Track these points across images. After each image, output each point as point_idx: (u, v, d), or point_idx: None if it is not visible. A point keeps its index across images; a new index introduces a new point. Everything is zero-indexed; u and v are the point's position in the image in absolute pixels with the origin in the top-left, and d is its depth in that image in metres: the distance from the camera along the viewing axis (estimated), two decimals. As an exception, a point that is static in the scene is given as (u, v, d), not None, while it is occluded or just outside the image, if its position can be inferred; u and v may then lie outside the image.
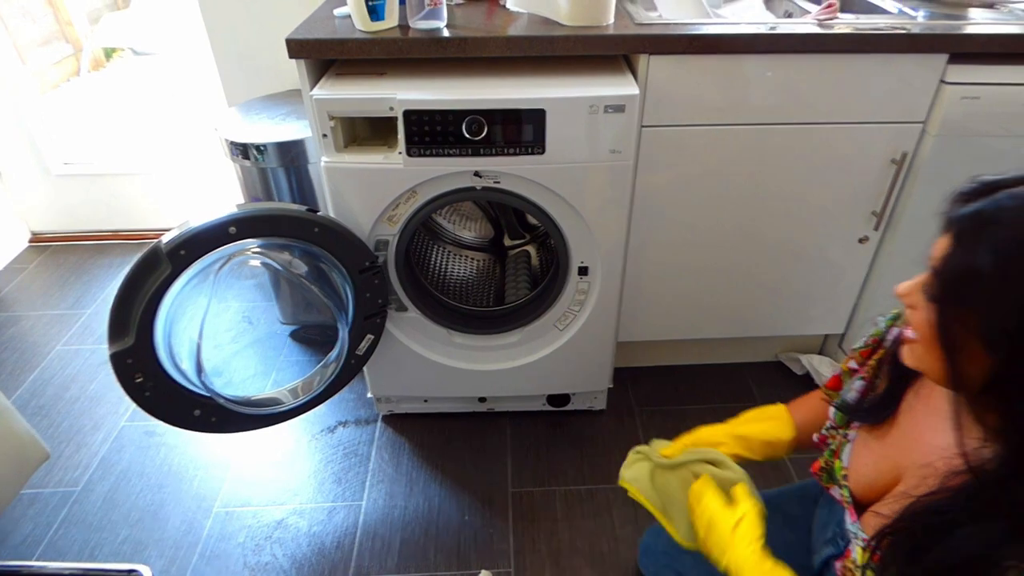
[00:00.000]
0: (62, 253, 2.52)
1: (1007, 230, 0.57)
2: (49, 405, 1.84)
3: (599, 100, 1.20)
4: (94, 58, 4.17)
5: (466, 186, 1.30)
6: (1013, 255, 0.56)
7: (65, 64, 3.98)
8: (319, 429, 1.76)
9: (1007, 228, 0.57)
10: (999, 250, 0.56)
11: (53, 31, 3.89)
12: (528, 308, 1.55)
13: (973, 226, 0.59)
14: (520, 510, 1.54)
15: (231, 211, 1.20)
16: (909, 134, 1.38)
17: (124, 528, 1.51)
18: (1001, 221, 0.57)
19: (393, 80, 1.28)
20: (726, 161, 1.41)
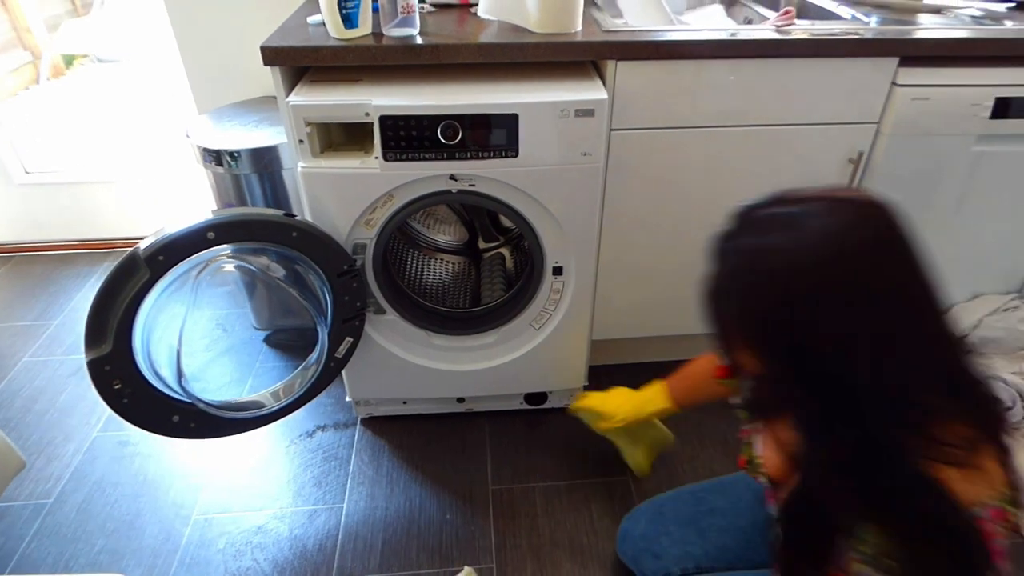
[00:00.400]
0: (26, 264, 2.47)
1: (736, 257, 0.73)
2: (17, 418, 1.81)
3: (569, 105, 1.24)
4: (54, 65, 4.08)
5: (442, 189, 1.33)
6: (743, 273, 0.72)
7: (23, 72, 3.89)
8: (297, 434, 1.77)
9: (736, 255, 0.73)
10: (732, 270, 0.73)
11: (10, 38, 3.80)
12: (504, 308, 1.58)
13: (719, 254, 0.76)
14: (500, 507, 1.56)
15: (209, 216, 1.21)
16: (864, 134, 1.45)
17: (100, 538, 1.50)
18: (734, 250, 0.74)
19: (368, 86, 1.31)
20: (691, 162, 1.46)
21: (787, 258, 0.68)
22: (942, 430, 0.68)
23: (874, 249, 0.68)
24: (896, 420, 0.69)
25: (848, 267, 0.67)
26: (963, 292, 1.76)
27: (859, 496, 0.71)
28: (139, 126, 3.44)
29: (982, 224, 1.60)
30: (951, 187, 1.53)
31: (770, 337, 0.71)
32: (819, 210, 0.69)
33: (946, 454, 0.67)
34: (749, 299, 0.71)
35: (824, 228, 0.68)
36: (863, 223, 0.69)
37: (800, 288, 0.67)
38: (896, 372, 0.68)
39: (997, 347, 1.71)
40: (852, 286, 0.67)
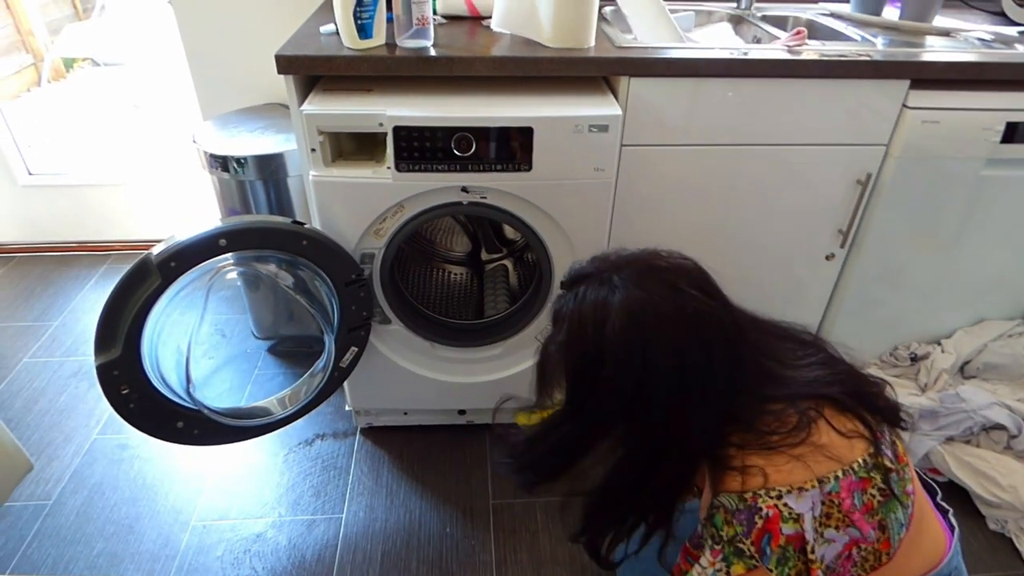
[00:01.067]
0: (27, 264, 2.47)
1: (563, 323, 0.85)
2: (18, 418, 1.79)
3: (584, 120, 1.25)
4: (54, 68, 4.09)
5: (453, 201, 1.33)
6: (571, 332, 0.84)
7: (25, 74, 3.90)
8: (296, 442, 1.76)
9: (565, 321, 0.85)
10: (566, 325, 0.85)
11: (13, 41, 3.81)
12: (511, 321, 1.57)
13: (555, 316, 0.88)
14: (501, 521, 1.55)
15: (219, 223, 1.21)
16: (873, 156, 1.45)
17: (99, 542, 1.48)
18: (562, 315, 0.86)
19: (380, 96, 1.31)
20: (699, 179, 1.46)
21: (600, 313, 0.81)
22: (761, 422, 0.80)
23: (665, 320, 0.79)
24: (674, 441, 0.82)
25: (640, 332, 0.79)
26: (967, 317, 1.76)
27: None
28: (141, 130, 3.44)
29: (988, 249, 1.61)
30: (958, 211, 1.53)
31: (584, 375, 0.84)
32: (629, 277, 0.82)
33: (766, 442, 0.79)
34: (570, 345, 0.84)
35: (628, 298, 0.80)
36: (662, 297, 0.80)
37: (609, 342, 0.80)
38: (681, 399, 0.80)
39: (1001, 373, 1.71)
40: (645, 342, 0.78)
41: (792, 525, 0.75)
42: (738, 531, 0.77)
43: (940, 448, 1.60)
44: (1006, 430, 1.59)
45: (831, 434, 0.80)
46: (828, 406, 0.82)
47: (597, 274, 0.84)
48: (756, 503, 0.76)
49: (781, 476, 0.77)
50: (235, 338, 2.07)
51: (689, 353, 0.78)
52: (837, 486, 0.77)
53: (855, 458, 0.79)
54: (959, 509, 0.95)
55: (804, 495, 0.76)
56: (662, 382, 0.78)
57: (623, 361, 0.78)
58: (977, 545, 1.51)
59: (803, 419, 0.80)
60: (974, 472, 1.56)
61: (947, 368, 1.70)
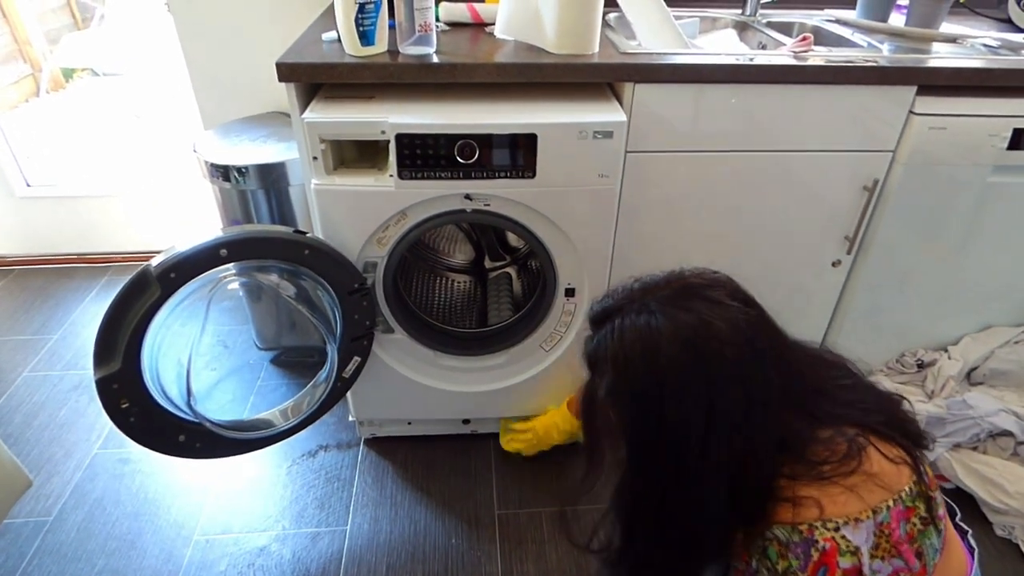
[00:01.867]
0: (26, 277, 2.45)
1: (606, 364, 0.79)
2: (18, 433, 1.77)
3: (589, 126, 1.24)
4: (53, 78, 4.08)
5: (456, 208, 1.32)
6: (617, 372, 0.78)
7: (23, 84, 3.89)
8: (300, 454, 1.74)
9: (608, 362, 0.79)
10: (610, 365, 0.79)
11: (11, 51, 3.81)
12: (515, 329, 1.56)
13: (591, 360, 0.83)
14: (507, 532, 1.53)
15: (220, 234, 1.19)
16: (880, 162, 1.44)
17: (100, 558, 1.46)
18: (601, 356, 0.80)
19: (382, 104, 1.30)
20: (705, 186, 1.45)
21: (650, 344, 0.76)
22: (811, 452, 0.77)
23: (718, 343, 0.74)
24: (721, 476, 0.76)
25: (689, 357, 0.74)
26: (974, 323, 1.75)
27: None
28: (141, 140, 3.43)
29: (995, 255, 1.60)
30: (965, 217, 1.52)
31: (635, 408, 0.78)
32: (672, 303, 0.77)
33: (819, 472, 0.75)
34: (619, 376, 0.78)
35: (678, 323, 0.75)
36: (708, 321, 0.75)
37: (658, 369, 0.75)
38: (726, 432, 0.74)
39: (1008, 380, 1.70)
40: (694, 372, 0.74)
41: (849, 559, 0.73)
42: (793, 564, 0.73)
43: (947, 455, 1.59)
44: (1013, 436, 1.57)
45: (881, 462, 0.77)
46: (872, 432, 0.79)
47: (629, 304, 0.78)
48: (812, 535, 0.73)
49: (837, 507, 0.73)
50: (237, 349, 2.05)
51: (750, 370, 0.73)
52: (888, 516, 0.74)
53: (903, 486, 0.76)
54: (966, 515, 0.94)
55: (860, 526, 0.73)
56: (731, 407, 0.73)
57: (686, 394, 0.73)
58: (984, 552, 1.49)
59: (852, 446, 0.76)
60: (981, 479, 1.55)
61: (954, 375, 1.68)
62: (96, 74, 4.26)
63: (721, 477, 0.76)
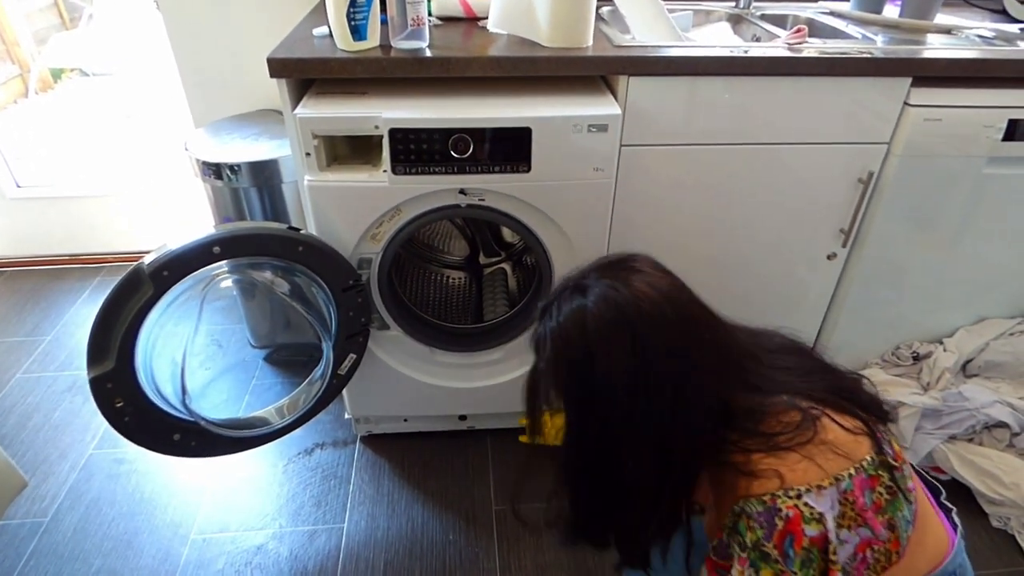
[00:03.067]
0: (17, 279, 2.43)
1: (547, 341, 0.83)
2: (12, 435, 1.76)
3: (583, 120, 1.23)
4: (41, 79, 4.04)
5: (451, 203, 1.31)
6: (554, 346, 0.82)
7: (11, 85, 3.85)
8: (296, 452, 1.73)
9: (547, 339, 0.83)
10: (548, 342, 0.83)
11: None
12: (510, 324, 1.56)
13: (535, 346, 0.86)
14: (504, 528, 1.53)
15: (212, 231, 1.18)
16: (875, 154, 1.44)
17: (97, 558, 1.45)
18: (540, 337, 0.85)
19: (375, 99, 1.29)
20: (700, 179, 1.45)
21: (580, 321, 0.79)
22: (765, 425, 0.79)
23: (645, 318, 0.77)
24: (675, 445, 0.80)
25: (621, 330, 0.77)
26: (969, 315, 1.75)
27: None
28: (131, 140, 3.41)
29: (990, 247, 1.60)
30: (959, 209, 1.52)
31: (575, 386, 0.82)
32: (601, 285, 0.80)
33: (774, 443, 0.77)
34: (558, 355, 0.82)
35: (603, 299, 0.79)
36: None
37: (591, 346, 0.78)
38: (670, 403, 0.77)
39: (1003, 371, 1.70)
40: (630, 344, 0.76)
41: (815, 526, 0.74)
42: (760, 535, 0.75)
43: (943, 447, 1.59)
44: (1008, 428, 1.58)
45: (837, 431, 0.79)
46: (826, 404, 0.81)
47: (563, 289, 0.83)
48: (775, 504, 0.74)
49: (797, 476, 0.75)
50: (231, 348, 2.04)
51: (674, 331, 0.77)
52: (851, 484, 0.76)
53: (863, 455, 0.78)
54: (962, 507, 0.94)
55: (823, 493, 0.74)
56: (658, 368, 0.76)
57: (614, 352, 0.77)
58: (980, 543, 1.50)
59: (806, 417, 0.78)
60: (977, 470, 1.55)
61: (949, 367, 1.69)
62: (85, 74, 4.22)
63: (649, 438, 0.79)
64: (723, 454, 0.79)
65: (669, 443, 0.79)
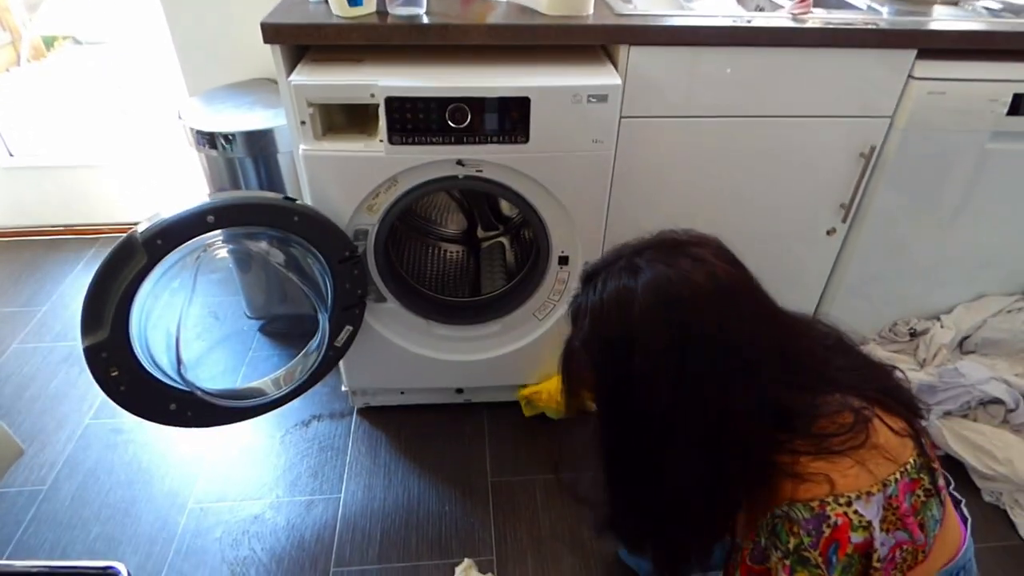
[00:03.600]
0: (12, 249, 2.41)
1: (584, 317, 0.81)
2: (9, 404, 1.76)
3: (583, 90, 1.21)
4: (34, 47, 3.97)
5: (448, 175, 1.30)
6: (593, 323, 0.79)
7: (2, 53, 3.78)
8: (293, 423, 1.74)
9: (584, 315, 0.80)
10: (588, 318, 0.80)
11: (-12, 18, 3.70)
12: (508, 298, 1.55)
13: (573, 315, 0.85)
14: (500, 499, 1.54)
15: (208, 199, 1.17)
16: (877, 128, 1.42)
17: (96, 525, 1.47)
18: (581, 310, 0.82)
19: (372, 67, 1.27)
20: (700, 152, 1.43)
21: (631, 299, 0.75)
22: (817, 426, 0.75)
23: (699, 297, 0.74)
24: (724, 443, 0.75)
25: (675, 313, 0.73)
26: (967, 292, 1.75)
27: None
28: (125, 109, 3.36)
29: (991, 223, 1.59)
30: (961, 184, 1.51)
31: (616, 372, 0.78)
32: (654, 258, 0.77)
33: (827, 446, 0.73)
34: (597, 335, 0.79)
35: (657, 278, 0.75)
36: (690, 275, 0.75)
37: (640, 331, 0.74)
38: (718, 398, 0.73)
39: (1000, 349, 1.70)
40: (680, 329, 0.73)
41: (861, 533, 0.72)
42: (805, 541, 0.72)
43: (937, 422, 1.60)
44: (1003, 404, 1.58)
45: (887, 434, 0.76)
46: (876, 403, 0.78)
47: (615, 261, 0.78)
48: (824, 511, 0.72)
49: (848, 481, 0.72)
50: (227, 319, 2.04)
51: (729, 328, 0.72)
52: (896, 489, 0.74)
53: (907, 458, 0.76)
54: (955, 482, 0.94)
55: (872, 500, 0.72)
56: (705, 366, 0.72)
57: (656, 344, 0.72)
58: (972, 517, 1.50)
59: (859, 419, 0.75)
60: (971, 446, 1.56)
61: (946, 343, 1.69)
62: (78, 42, 4.14)
63: (694, 440, 0.75)
64: (770, 454, 0.76)
65: (718, 446, 0.75)
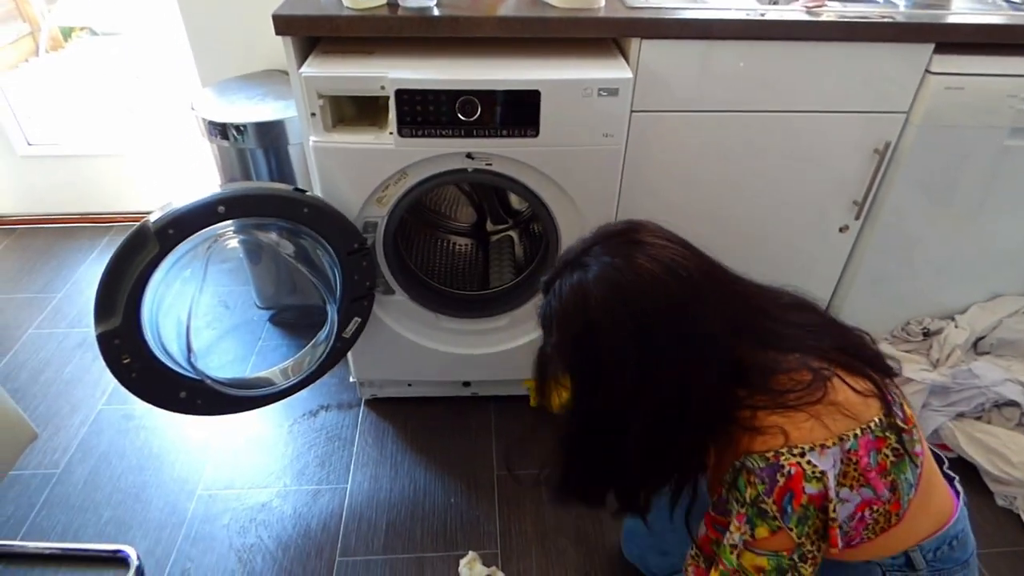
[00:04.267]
0: (29, 236, 2.45)
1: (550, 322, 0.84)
2: (24, 388, 1.79)
3: (594, 83, 1.20)
4: (52, 38, 4.01)
5: (458, 168, 1.30)
6: (559, 326, 0.82)
7: (22, 44, 3.82)
8: (301, 413, 1.75)
9: (552, 319, 0.83)
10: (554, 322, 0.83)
11: (8, 9, 3.73)
12: (516, 291, 1.55)
13: (543, 324, 0.86)
14: (506, 493, 1.55)
15: (218, 190, 1.18)
16: (892, 124, 1.40)
17: (107, 509, 1.49)
18: (546, 316, 0.85)
19: (382, 59, 1.27)
20: (712, 147, 1.42)
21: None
22: (775, 382, 0.78)
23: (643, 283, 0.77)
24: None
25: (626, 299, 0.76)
26: (983, 292, 1.72)
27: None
28: (140, 99, 3.39)
29: (1007, 222, 1.56)
30: (978, 182, 1.49)
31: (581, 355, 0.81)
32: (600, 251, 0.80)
33: (783, 401, 0.76)
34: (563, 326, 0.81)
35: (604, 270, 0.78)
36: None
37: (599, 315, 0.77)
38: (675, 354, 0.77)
39: (1015, 349, 1.68)
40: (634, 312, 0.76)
41: (815, 484, 0.74)
42: (760, 490, 0.76)
43: (950, 424, 1.58)
44: (1018, 407, 1.56)
45: (847, 392, 0.78)
46: (838, 364, 0.80)
47: (565, 265, 0.82)
48: (778, 460, 0.75)
49: (802, 434, 0.75)
50: (238, 309, 2.06)
51: (677, 300, 0.76)
52: (856, 444, 0.76)
53: (871, 417, 0.78)
54: (967, 486, 0.94)
55: (826, 452, 0.75)
56: (661, 338, 0.76)
57: (619, 332, 0.76)
58: (984, 522, 1.49)
59: (817, 376, 0.78)
60: (984, 449, 1.54)
61: (960, 344, 1.67)
62: (95, 33, 4.18)
63: (661, 403, 0.79)
64: (730, 410, 0.79)
65: (680, 406, 0.79)
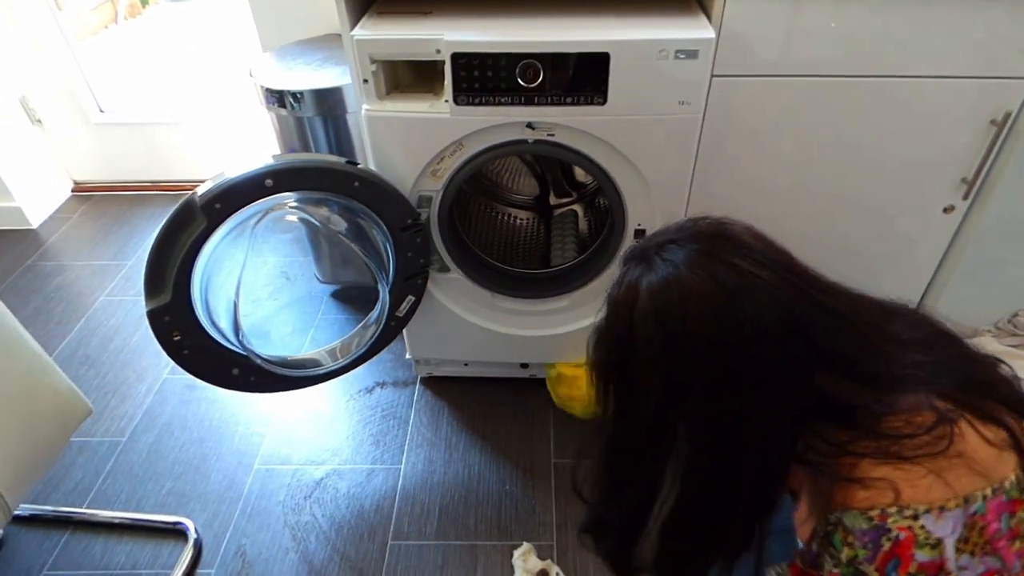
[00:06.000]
0: (104, 203, 2.51)
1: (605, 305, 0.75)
2: (95, 355, 1.84)
3: (670, 44, 1.08)
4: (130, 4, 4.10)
5: (517, 139, 1.21)
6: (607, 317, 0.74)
7: (102, 11, 3.92)
8: (357, 389, 1.73)
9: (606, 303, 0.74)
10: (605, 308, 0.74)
11: (88, -24, 3.83)
12: (578, 272, 1.46)
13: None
14: (563, 481, 1.48)
15: (267, 162, 1.13)
16: (1012, 91, 1.22)
17: (168, 480, 1.51)
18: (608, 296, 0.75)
19: (439, 20, 1.18)
20: (801, 117, 1.28)
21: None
22: (887, 424, 0.66)
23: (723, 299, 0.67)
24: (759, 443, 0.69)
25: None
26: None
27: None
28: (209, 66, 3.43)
29: None
30: (1115, 155, 1.29)
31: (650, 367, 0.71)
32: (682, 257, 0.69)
33: (897, 450, 0.64)
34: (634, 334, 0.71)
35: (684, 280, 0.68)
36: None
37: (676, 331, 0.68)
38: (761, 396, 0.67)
39: None
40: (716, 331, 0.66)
41: (928, 552, 0.62)
42: (860, 554, 0.64)
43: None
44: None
45: (976, 443, 0.65)
46: (967, 406, 0.67)
47: (643, 251, 0.72)
48: (885, 523, 0.63)
49: (917, 492, 0.63)
50: (300, 281, 2.05)
51: (728, 331, 0.65)
52: (984, 507, 0.63)
53: (1006, 474, 0.64)
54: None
55: (945, 516, 0.62)
56: (696, 372, 0.67)
57: (647, 352, 0.68)
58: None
59: (941, 420, 0.65)
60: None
61: (1080, 338, 1.48)
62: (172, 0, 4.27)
63: (702, 453, 0.70)
64: (826, 457, 0.68)
65: (733, 452, 0.69)
